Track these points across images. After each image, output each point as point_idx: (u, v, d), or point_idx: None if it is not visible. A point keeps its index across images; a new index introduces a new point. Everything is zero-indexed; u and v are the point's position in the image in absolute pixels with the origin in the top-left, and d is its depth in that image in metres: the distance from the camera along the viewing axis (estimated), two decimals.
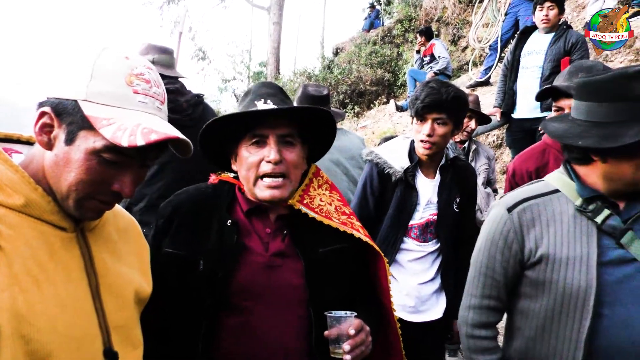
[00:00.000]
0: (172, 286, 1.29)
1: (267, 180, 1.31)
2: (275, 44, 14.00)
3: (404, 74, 9.91)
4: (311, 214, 1.37)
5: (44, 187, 0.92)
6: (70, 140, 0.91)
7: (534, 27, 4.15)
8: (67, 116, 0.91)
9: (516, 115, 4.18)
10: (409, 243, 2.19)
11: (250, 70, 17.20)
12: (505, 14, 6.26)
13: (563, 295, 1.35)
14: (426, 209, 2.19)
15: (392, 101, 9.18)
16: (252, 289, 1.29)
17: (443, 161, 2.22)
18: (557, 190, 1.43)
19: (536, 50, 4.02)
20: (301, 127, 1.37)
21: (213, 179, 1.48)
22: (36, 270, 0.86)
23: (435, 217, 2.19)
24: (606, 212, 1.35)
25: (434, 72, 7.85)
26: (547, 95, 2.18)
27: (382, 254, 1.43)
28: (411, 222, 2.18)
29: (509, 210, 1.43)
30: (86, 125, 0.90)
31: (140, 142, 0.87)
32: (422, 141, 2.10)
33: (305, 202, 1.40)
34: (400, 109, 8.39)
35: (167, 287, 1.27)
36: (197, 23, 26.80)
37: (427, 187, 2.20)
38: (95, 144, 0.90)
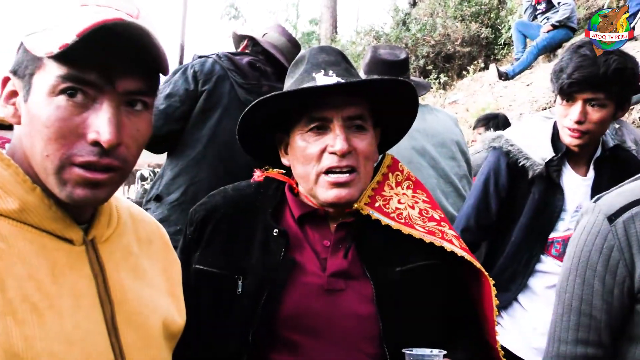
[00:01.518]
0: (204, 313, 1.31)
1: (332, 176, 1.29)
2: None
3: (509, 28, 9.71)
4: (385, 220, 1.34)
5: (41, 185, 0.92)
6: (27, 94, 0.91)
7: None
8: (20, 68, 0.92)
9: None
10: (547, 263, 2.12)
11: (298, 30, 17.39)
12: None
13: None
14: (575, 216, 2.07)
15: (492, 66, 8.97)
16: (305, 319, 1.28)
17: (599, 152, 2.14)
18: None
19: None
20: (374, 105, 1.35)
21: (258, 175, 1.48)
22: (36, 296, 0.87)
23: None
24: None
25: (552, 25, 7.64)
26: None
27: (486, 273, 1.38)
28: (552, 235, 2.10)
29: (611, 219, 1.34)
30: (35, 65, 0.90)
31: (71, 37, 0.83)
32: (569, 129, 2.02)
33: (377, 204, 1.38)
34: (504, 76, 8.19)
35: (198, 314, 1.29)
36: None
37: (578, 187, 2.12)
38: (49, 79, 0.88)
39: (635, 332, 1.34)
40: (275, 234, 1.34)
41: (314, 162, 1.31)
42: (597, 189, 2.07)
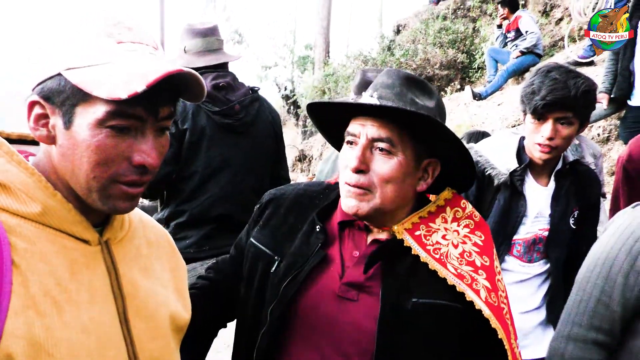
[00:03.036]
0: (245, 281, 1.35)
1: (346, 188, 1.25)
2: (324, 22, 14.08)
3: (482, 54, 9.74)
4: (417, 249, 1.24)
5: (62, 191, 0.92)
6: (68, 122, 0.90)
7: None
8: (56, 97, 0.89)
9: (634, 102, 3.99)
10: (510, 262, 2.11)
11: (295, 54, 17.39)
12: None
13: None
14: (535, 222, 2.10)
15: (467, 88, 8.98)
16: (313, 316, 1.24)
17: (559, 165, 2.13)
18: None
19: None
20: (417, 134, 1.24)
21: (334, 178, 1.44)
22: (56, 291, 0.86)
23: (546, 233, 2.09)
24: None
25: (521, 51, 7.67)
26: None
27: (502, 329, 1.20)
28: (515, 237, 2.09)
29: None
30: (79, 97, 0.88)
31: (141, 87, 0.84)
32: (540, 144, 2.00)
33: (417, 233, 1.27)
34: (478, 96, 8.20)
35: (240, 281, 1.35)
36: (232, 0, 27.43)
37: (539, 196, 2.11)
38: (97, 114, 0.88)
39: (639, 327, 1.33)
40: (317, 230, 1.31)
41: (342, 172, 1.27)
42: (556, 197, 2.09)
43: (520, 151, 2.12)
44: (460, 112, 8.57)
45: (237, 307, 1.38)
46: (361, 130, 1.23)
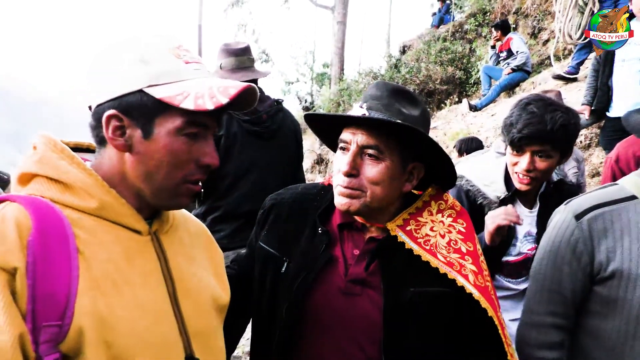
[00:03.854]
0: (257, 283, 1.30)
1: (339, 188, 1.23)
2: (339, 44, 14.05)
3: (478, 71, 9.63)
4: (410, 243, 1.22)
5: (118, 190, 0.94)
6: (148, 133, 0.92)
7: (631, 16, 3.87)
8: (135, 110, 0.91)
9: (612, 113, 3.92)
10: (500, 281, 2.00)
11: (314, 71, 17.37)
12: (600, 2, 5.86)
13: (638, 317, 1.23)
14: (524, 243, 1.98)
15: (464, 100, 8.91)
16: (326, 313, 1.22)
17: (544, 187, 1.98)
18: (633, 197, 1.30)
19: (635, 41, 3.72)
20: (402, 141, 1.22)
21: (327, 179, 1.42)
22: (115, 274, 0.87)
23: (534, 251, 1.96)
24: None
25: (512, 69, 7.59)
26: None
27: (491, 308, 1.19)
28: (505, 258, 1.96)
29: (578, 217, 1.32)
30: (159, 110, 0.91)
31: (224, 99, 0.90)
32: (519, 174, 1.85)
33: (408, 228, 1.25)
34: (473, 108, 8.13)
35: (253, 278, 1.29)
36: (260, 25, 27.48)
37: (526, 219, 1.95)
38: (175, 123, 0.92)
39: (592, 307, 1.33)
40: (320, 232, 1.28)
41: (335, 175, 1.26)
42: (542, 216, 1.93)
43: (508, 178, 1.96)
44: (458, 122, 8.50)
45: (252, 303, 1.33)
46: (352, 138, 1.21)
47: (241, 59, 2.72)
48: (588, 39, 6.08)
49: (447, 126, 8.77)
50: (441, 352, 1.19)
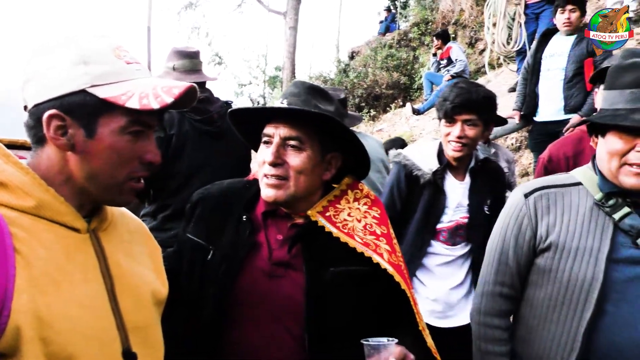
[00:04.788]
0: (185, 274, 1.30)
1: (265, 180, 1.27)
2: (291, 48, 14.04)
3: (420, 77, 9.86)
4: (329, 227, 1.26)
5: (56, 188, 0.91)
6: (91, 131, 0.90)
7: (555, 30, 4.10)
8: (78, 110, 0.89)
9: (539, 118, 4.12)
10: (437, 247, 2.15)
11: (266, 74, 17.30)
12: (525, 14, 6.15)
13: (567, 286, 1.34)
14: (456, 211, 2.15)
15: (408, 104, 9.12)
16: (251, 295, 1.24)
17: (472, 163, 2.18)
18: (579, 183, 1.41)
19: (558, 53, 3.96)
20: (320, 133, 1.28)
21: (252, 175, 1.46)
22: (54, 272, 0.85)
23: (466, 220, 2.14)
24: (626, 209, 1.32)
25: (451, 75, 7.79)
26: (600, 77, 2.04)
27: (404, 282, 1.26)
28: (440, 225, 2.13)
29: (526, 195, 1.42)
30: (103, 110, 0.89)
31: (169, 99, 0.90)
32: (451, 141, 2.06)
33: (327, 214, 1.30)
34: (416, 112, 8.33)
35: (182, 272, 1.29)
36: (213, 28, 27.07)
37: (457, 190, 2.15)
38: (120, 122, 0.91)
39: (532, 278, 1.43)
40: (244, 220, 1.30)
41: (260, 167, 1.29)
42: (472, 190, 2.15)
43: (440, 154, 2.16)
44: (402, 125, 8.70)
45: (180, 295, 1.30)
46: (274, 131, 1.26)
47: (195, 61, 2.73)
48: (521, 48, 6.44)
49: (392, 128, 8.95)
50: (361, 327, 1.21)
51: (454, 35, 9.89)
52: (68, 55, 0.90)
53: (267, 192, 1.26)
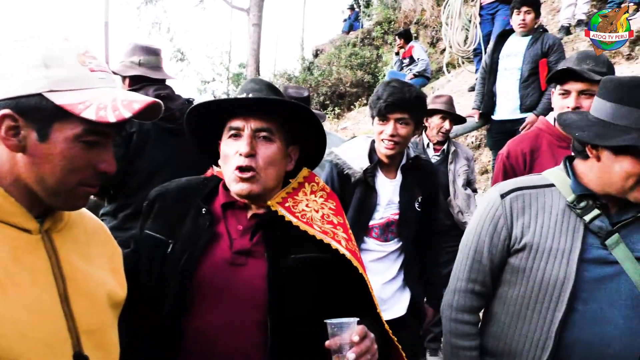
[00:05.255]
0: (144, 270, 1.29)
1: (237, 173, 1.27)
2: (254, 45, 13.91)
3: (384, 75, 9.94)
4: (289, 216, 1.30)
5: (6, 189, 0.89)
6: (44, 136, 0.88)
7: (511, 31, 4.22)
8: (32, 113, 0.87)
9: (496, 117, 4.23)
10: (369, 243, 2.19)
11: (230, 71, 17.08)
12: (480, 15, 6.30)
13: (540, 285, 1.38)
14: (387, 208, 2.19)
15: None
16: (211, 285, 1.24)
17: (404, 161, 2.22)
18: (552, 185, 1.44)
19: (514, 53, 4.08)
20: (285, 126, 1.33)
21: (209, 172, 1.45)
22: (0, 274, 0.83)
23: (397, 216, 2.19)
24: (596, 212, 1.37)
25: (414, 74, 7.92)
26: (556, 78, 2.13)
27: (361, 267, 1.32)
28: (371, 222, 2.17)
29: (502, 196, 1.45)
30: (59, 116, 0.87)
31: (127, 114, 0.88)
32: (384, 140, 2.09)
33: (287, 205, 1.34)
34: None
35: (140, 270, 1.27)
36: (175, 24, 26.54)
37: (388, 187, 2.19)
38: (74, 130, 0.89)
39: (506, 277, 1.46)
40: (203, 212, 1.31)
41: (229, 161, 1.29)
42: (403, 187, 2.20)
43: (372, 152, 2.19)
44: (366, 123, 8.76)
45: (139, 293, 1.29)
46: (245, 124, 1.28)
47: (158, 58, 2.72)
48: (476, 48, 6.59)
49: (356, 126, 9.01)
50: (322, 312, 1.22)
51: (416, 35, 10.05)
52: (30, 56, 0.89)
53: (240, 186, 1.27)
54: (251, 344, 1.22)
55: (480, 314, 1.59)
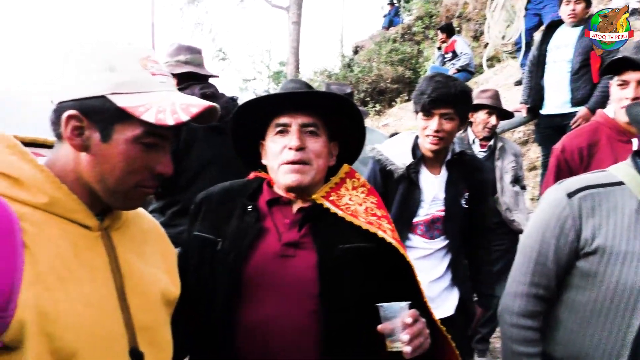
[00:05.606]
0: (193, 269, 1.32)
1: (288, 166, 1.31)
2: (294, 43, 13.99)
3: (425, 71, 9.80)
4: (334, 209, 1.33)
5: (69, 186, 0.93)
6: (106, 136, 0.92)
7: (559, 22, 4.07)
8: (96, 114, 0.91)
9: (545, 111, 4.09)
10: (415, 240, 2.16)
11: (270, 69, 17.28)
12: (526, 9, 6.11)
13: (615, 291, 1.29)
14: (432, 205, 2.16)
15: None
16: (262, 277, 1.27)
17: (449, 156, 2.19)
18: (621, 183, 1.36)
19: (564, 44, 3.93)
20: (327, 121, 1.37)
21: (251, 175, 1.51)
22: (61, 269, 0.86)
23: (443, 213, 2.15)
24: None
25: (457, 69, 7.77)
26: (613, 68, 2.04)
27: (407, 256, 1.34)
28: (416, 219, 2.15)
29: (570, 195, 1.36)
30: (120, 117, 0.91)
31: (185, 117, 0.91)
32: (428, 136, 2.06)
33: (331, 198, 1.37)
34: None
35: (189, 271, 1.31)
36: (216, 24, 27.06)
37: (432, 184, 2.16)
38: (135, 132, 0.92)
39: (572, 281, 1.39)
40: (249, 210, 1.35)
41: (277, 157, 1.34)
42: (449, 183, 2.16)
43: (415, 148, 2.17)
44: (408, 119, 8.68)
45: (190, 293, 1.31)
46: (292, 120, 1.33)
47: (201, 56, 2.80)
48: (518, 42, 6.39)
49: (398, 122, 8.93)
50: (371, 299, 1.25)
51: (458, 29, 9.84)
52: (96, 59, 0.93)
53: (291, 178, 1.31)
54: (303, 333, 1.24)
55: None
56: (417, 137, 2.19)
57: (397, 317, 1.16)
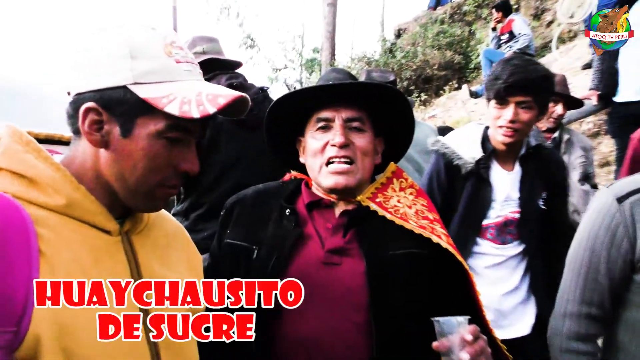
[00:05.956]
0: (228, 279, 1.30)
1: (332, 167, 1.30)
2: (330, 27, 14.00)
3: (478, 55, 9.66)
4: (382, 212, 1.32)
5: (88, 186, 0.93)
6: (127, 131, 0.92)
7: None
8: (117, 107, 0.91)
9: (619, 98, 3.94)
10: (484, 246, 2.08)
11: (303, 57, 17.37)
12: None
13: None
14: (505, 205, 2.07)
15: (464, 86, 8.94)
16: (306, 288, 1.22)
17: (523, 150, 2.11)
18: None
19: None
20: (373, 115, 1.36)
21: (286, 176, 1.51)
22: (79, 276, 0.86)
23: (517, 215, 2.06)
24: None
25: (514, 52, 7.60)
26: None
27: (464, 263, 1.32)
28: (486, 222, 2.07)
29: (620, 200, 1.31)
30: (142, 110, 0.91)
31: (212, 109, 0.90)
32: (501, 127, 1.99)
33: (378, 200, 1.36)
34: (474, 95, 8.15)
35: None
36: (244, 8, 27.41)
37: (505, 181, 2.08)
38: (157, 125, 0.92)
39: (631, 298, 1.33)
40: (287, 213, 1.34)
41: (319, 155, 1.33)
42: (523, 180, 2.07)
43: (485, 140, 2.10)
44: (458, 109, 8.54)
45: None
46: (335, 114, 1.32)
47: (219, 45, 2.87)
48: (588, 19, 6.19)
49: (446, 114, 8.80)
50: (425, 311, 1.22)
51: (516, 6, 9.64)
52: (117, 46, 0.92)
53: (335, 180, 1.31)
54: (351, 349, 1.22)
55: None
56: (487, 128, 2.13)
57: (455, 333, 1.12)
